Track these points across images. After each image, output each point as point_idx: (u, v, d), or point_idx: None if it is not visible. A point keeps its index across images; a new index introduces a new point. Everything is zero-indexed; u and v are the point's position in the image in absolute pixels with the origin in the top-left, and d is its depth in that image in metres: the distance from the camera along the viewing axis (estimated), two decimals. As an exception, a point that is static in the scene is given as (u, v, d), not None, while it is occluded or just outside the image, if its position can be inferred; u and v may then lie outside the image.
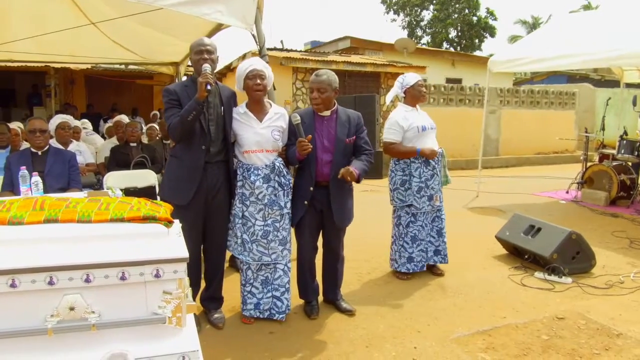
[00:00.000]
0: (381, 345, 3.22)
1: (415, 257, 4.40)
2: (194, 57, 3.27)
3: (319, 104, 3.48)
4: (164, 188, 3.44)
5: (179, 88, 3.29)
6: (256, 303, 3.49)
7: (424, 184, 4.30)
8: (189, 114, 3.09)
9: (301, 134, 3.32)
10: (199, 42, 3.30)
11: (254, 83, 3.31)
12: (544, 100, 15.17)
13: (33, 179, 2.75)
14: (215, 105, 3.32)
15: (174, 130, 3.19)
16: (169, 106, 3.23)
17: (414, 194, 4.31)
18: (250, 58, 3.44)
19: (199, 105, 3.10)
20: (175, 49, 7.00)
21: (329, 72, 3.53)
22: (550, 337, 3.32)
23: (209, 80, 3.05)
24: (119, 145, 5.86)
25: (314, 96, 3.48)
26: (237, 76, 3.41)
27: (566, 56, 7.38)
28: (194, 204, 3.27)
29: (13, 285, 1.61)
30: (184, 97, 3.21)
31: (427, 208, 4.35)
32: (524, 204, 7.98)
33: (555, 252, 4.45)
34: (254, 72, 3.32)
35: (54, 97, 12.94)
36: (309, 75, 11.90)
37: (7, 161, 4.13)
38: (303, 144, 3.30)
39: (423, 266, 4.43)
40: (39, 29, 5.99)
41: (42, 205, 1.84)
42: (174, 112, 3.19)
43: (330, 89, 3.46)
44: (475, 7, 30.91)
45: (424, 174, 4.31)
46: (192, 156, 3.26)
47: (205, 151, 3.26)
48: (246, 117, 3.40)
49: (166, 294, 1.76)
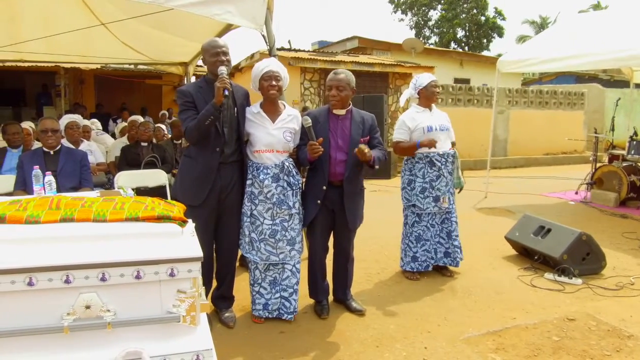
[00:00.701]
0: (392, 345, 3.22)
1: (420, 256, 4.40)
2: (209, 59, 3.26)
3: (337, 101, 3.49)
4: (177, 188, 3.45)
5: (193, 89, 3.28)
6: (264, 303, 3.50)
7: (428, 184, 4.30)
8: (207, 118, 3.08)
9: (312, 137, 3.33)
10: (214, 43, 3.28)
11: (269, 84, 3.32)
12: (553, 100, 15.11)
13: (46, 178, 2.77)
14: (229, 107, 3.32)
15: (190, 133, 3.19)
16: (183, 108, 3.23)
17: (417, 194, 4.33)
18: (266, 59, 3.44)
19: (217, 111, 3.10)
20: (185, 50, 7.03)
21: (347, 71, 3.55)
22: (560, 338, 3.31)
23: (227, 86, 3.05)
24: (129, 145, 5.89)
25: (333, 93, 3.48)
26: (253, 76, 3.42)
27: (576, 56, 7.34)
28: (207, 204, 3.29)
29: (30, 283, 1.62)
30: (198, 99, 3.21)
31: (433, 209, 4.33)
32: (533, 205, 7.96)
33: (565, 253, 4.43)
34: (270, 73, 3.33)
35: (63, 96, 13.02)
36: (317, 76, 11.92)
37: (19, 160, 4.16)
38: (314, 147, 3.31)
39: (428, 266, 4.42)
40: (50, 29, 6.03)
41: (58, 205, 1.85)
42: (190, 115, 3.19)
43: (349, 87, 3.49)
44: (483, 7, 30.83)
45: (428, 175, 4.30)
46: (206, 158, 3.26)
47: (220, 153, 3.27)
48: (259, 117, 3.41)
49: (180, 293, 1.77)
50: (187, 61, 7.96)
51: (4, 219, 1.73)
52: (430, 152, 4.28)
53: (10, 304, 1.64)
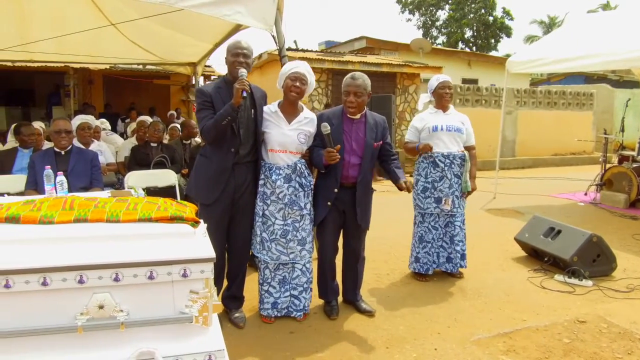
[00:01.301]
0: (401, 347, 3.21)
1: (421, 258, 4.39)
2: (230, 59, 3.27)
3: (354, 107, 3.44)
4: (191, 186, 3.49)
5: (212, 90, 3.29)
6: (273, 302, 3.50)
7: (430, 184, 4.28)
8: (224, 118, 3.10)
9: (330, 144, 3.31)
10: (237, 44, 3.28)
11: (293, 84, 3.32)
12: (562, 101, 15.02)
13: (58, 179, 2.77)
14: (247, 108, 3.33)
15: (207, 132, 3.20)
16: (201, 107, 3.25)
17: (418, 193, 4.33)
18: (299, 61, 3.43)
19: (234, 112, 3.11)
20: (194, 50, 7.05)
21: (364, 75, 3.48)
22: (571, 341, 3.29)
23: (246, 88, 3.07)
24: (139, 145, 5.91)
25: (350, 100, 3.42)
26: (280, 74, 3.41)
27: (585, 57, 7.30)
28: (220, 203, 3.30)
29: (44, 283, 1.63)
30: (216, 99, 3.22)
31: (434, 211, 4.30)
32: (542, 206, 7.93)
33: (575, 255, 4.41)
34: (297, 74, 3.32)
35: (72, 97, 13.08)
36: (324, 76, 11.91)
37: (30, 160, 4.18)
38: (332, 155, 3.28)
39: (428, 269, 4.38)
40: (60, 29, 6.06)
41: (72, 205, 1.86)
42: (207, 114, 3.21)
43: (366, 92, 3.44)
44: (491, 6, 30.71)
45: (431, 175, 4.29)
46: (221, 157, 3.28)
47: (234, 153, 3.28)
48: (276, 116, 3.41)
49: (193, 294, 1.77)
50: (195, 61, 7.98)
51: (19, 219, 1.74)
52: (433, 153, 4.25)
53: (24, 303, 1.65)
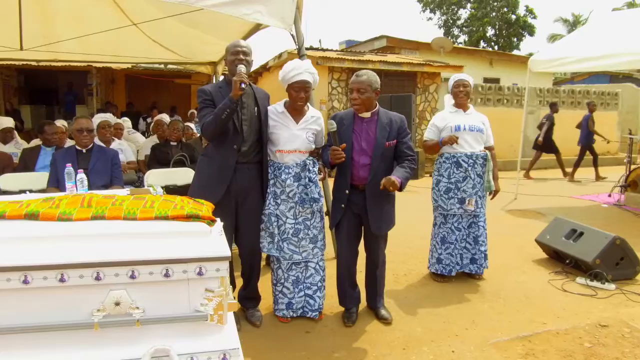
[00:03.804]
0: (418, 348, 3.18)
1: (444, 259, 4.34)
2: (229, 58, 3.30)
3: (358, 104, 3.40)
4: (193, 187, 3.43)
5: (213, 89, 3.33)
6: (288, 302, 3.49)
7: (453, 185, 4.25)
8: (223, 112, 3.11)
9: (336, 142, 3.29)
10: (235, 43, 3.33)
11: (297, 95, 3.31)
12: (586, 100, 14.76)
13: (78, 176, 2.80)
14: (249, 106, 3.35)
15: (207, 128, 3.22)
16: (202, 106, 3.28)
17: (441, 194, 4.29)
18: (297, 61, 3.40)
19: (233, 104, 3.12)
20: (214, 49, 7.09)
21: (369, 72, 3.42)
22: (592, 345, 3.23)
23: (244, 79, 3.08)
24: (159, 144, 5.97)
25: (354, 97, 3.39)
26: (281, 79, 3.39)
27: (610, 56, 7.17)
28: (224, 204, 3.21)
29: (62, 280, 1.65)
30: (217, 98, 3.24)
31: (458, 211, 4.26)
32: (564, 207, 7.80)
33: (598, 258, 4.33)
34: (300, 83, 3.29)
35: (95, 95, 13.28)
36: (344, 75, 11.90)
37: (53, 158, 4.25)
38: (336, 153, 3.25)
39: (451, 271, 4.33)
40: (83, 29, 6.16)
41: (90, 203, 1.88)
42: (208, 112, 3.23)
43: (371, 89, 3.36)
44: (514, 5, 30.31)
45: (454, 176, 4.25)
46: (223, 155, 3.27)
47: (236, 151, 3.27)
48: (283, 117, 3.40)
49: (208, 292, 1.77)
50: (216, 60, 8.03)
51: (38, 216, 1.76)
52: (457, 153, 4.23)
53: (42, 299, 1.67)
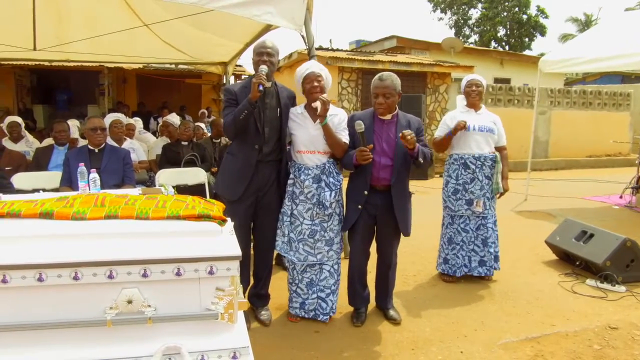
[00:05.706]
0: (427, 349, 3.19)
1: (450, 259, 4.35)
2: (254, 58, 3.35)
3: (384, 109, 3.40)
4: (218, 183, 3.58)
5: (238, 88, 3.38)
6: (301, 302, 3.52)
7: (461, 186, 4.26)
8: (241, 113, 3.17)
9: (364, 143, 3.27)
10: (261, 43, 3.36)
11: (311, 86, 3.34)
12: (597, 101, 14.66)
13: (91, 176, 2.83)
14: (271, 107, 3.38)
15: (227, 127, 3.31)
16: (226, 105, 3.35)
17: (449, 195, 4.31)
18: (307, 62, 3.47)
19: (251, 105, 3.16)
20: (225, 49, 7.12)
21: (392, 75, 3.42)
22: (602, 347, 3.22)
23: (262, 82, 3.12)
24: (170, 144, 6.01)
25: (380, 101, 3.38)
26: (296, 81, 3.46)
27: (623, 56, 7.11)
28: (245, 200, 3.36)
29: (75, 277, 1.68)
30: (241, 98, 3.28)
31: (465, 213, 4.27)
32: (575, 209, 7.75)
33: (608, 260, 4.31)
34: (311, 75, 3.35)
35: (107, 95, 13.38)
36: (354, 75, 11.88)
37: (65, 157, 4.31)
38: (364, 154, 3.24)
39: (456, 271, 4.33)
40: (94, 30, 6.20)
41: (103, 202, 1.91)
42: (230, 111, 3.28)
43: (395, 93, 3.38)
44: (525, 5, 30.15)
45: (462, 177, 4.26)
46: (245, 154, 3.35)
47: (258, 150, 3.34)
48: (302, 117, 3.43)
49: (219, 291, 1.80)
50: (226, 61, 8.05)
51: (52, 215, 1.80)
52: (465, 154, 4.25)
53: (56, 297, 1.70)
